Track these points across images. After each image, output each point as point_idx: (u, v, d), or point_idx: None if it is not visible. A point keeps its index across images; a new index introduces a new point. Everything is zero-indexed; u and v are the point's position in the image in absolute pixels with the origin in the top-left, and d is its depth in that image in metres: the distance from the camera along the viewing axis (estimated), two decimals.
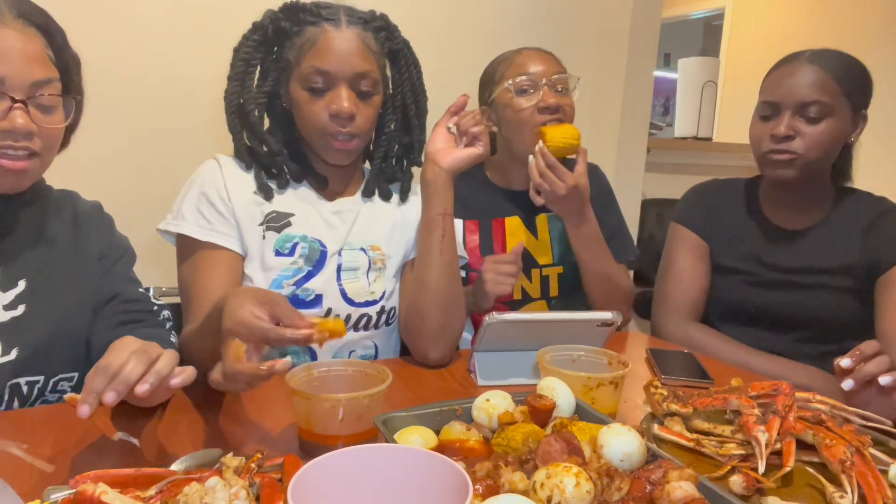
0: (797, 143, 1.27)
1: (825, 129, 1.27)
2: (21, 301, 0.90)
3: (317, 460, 0.52)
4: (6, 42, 0.80)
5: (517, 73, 1.39)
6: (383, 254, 1.21)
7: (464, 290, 1.23)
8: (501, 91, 1.40)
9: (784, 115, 1.28)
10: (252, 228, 1.11)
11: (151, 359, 0.68)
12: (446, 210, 1.15)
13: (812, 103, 1.26)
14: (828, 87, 1.26)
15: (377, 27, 1.14)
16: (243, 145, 1.15)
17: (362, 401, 0.75)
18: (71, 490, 0.57)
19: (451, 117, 1.19)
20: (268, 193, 1.14)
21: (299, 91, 1.10)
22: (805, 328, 1.34)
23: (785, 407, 0.79)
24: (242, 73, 1.13)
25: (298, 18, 1.10)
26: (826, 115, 1.26)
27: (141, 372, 0.66)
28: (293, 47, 1.11)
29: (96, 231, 1.01)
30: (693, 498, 0.57)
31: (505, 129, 1.43)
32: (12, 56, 0.81)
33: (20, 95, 0.81)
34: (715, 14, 4.75)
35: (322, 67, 1.08)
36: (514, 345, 1.06)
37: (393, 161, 1.26)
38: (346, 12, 1.11)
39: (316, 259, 1.13)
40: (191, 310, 1.06)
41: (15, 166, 0.83)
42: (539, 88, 1.37)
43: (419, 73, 1.23)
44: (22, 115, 0.81)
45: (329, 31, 1.08)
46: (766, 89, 1.33)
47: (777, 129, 1.28)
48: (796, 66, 1.29)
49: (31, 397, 0.91)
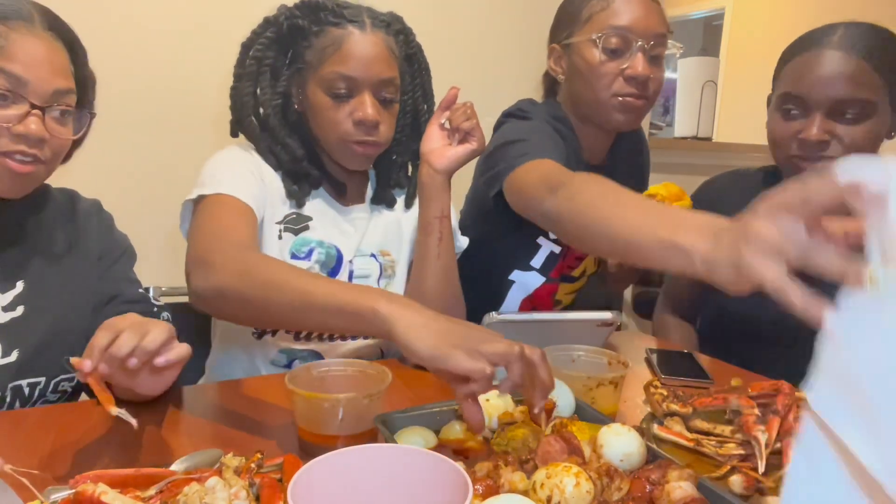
0: (833, 149, 1.08)
1: (866, 132, 1.07)
2: (20, 302, 0.90)
3: (317, 460, 0.52)
4: (35, 49, 0.82)
5: (610, 23, 1.15)
6: (393, 260, 1.19)
7: None
8: (584, 40, 1.19)
9: (815, 116, 1.08)
10: (271, 223, 1.09)
11: (141, 334, 0.67)
12: (443, 212, 1.11)
13: (850, 101, 1.05)
14: (868, 81, 1.05)
15: (397, 30, 1.10)
16: (266, 149, 1.10)
17: (362, 401, 0.75)
18: (71, 490, 0.57)
19: (442, 112, 1.12)
20: (299, 200, 1.11)
21: (320, 96, 1.06)
22: None
23: (785, 407, 0.79)
24: (255, 73, 1.08)
25: (319, 18, 1.05)
26: (867, 115, 1.06)
27: (131, 346, 0.65)
28: (312, 48, 1.05)
29: (95, 230, 1.01)
30: (693, 498, 0.57)
31: (575, 84, 1.23)
32: (40, 63, 0.82)
33: (40, 102, 0.83)
34: (715, 14, 4.75)
35: (347, 73, 1.03)
36: None
37: (398, 167, 1.23)
38: (369, 14, 1.07)
39: (332, 266, 1.12)
40: (199, 243, 0.94)
41: (21, 170, 0.84)
42: (632, 52, 1.15)
43: (429, 77, 1.20)
44: (37, 122, 0.82)
45: (354, 35, 1.03)
46: (789, 78, 1.12)
47: (808, 132, 1.08)
48: (827, 54, 1.07)
49: (32, 398, 0.91)
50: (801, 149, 1.12)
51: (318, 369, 0.82)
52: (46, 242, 0.95)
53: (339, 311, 0.74)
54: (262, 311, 0.83)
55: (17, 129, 0.81)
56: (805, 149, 1.11)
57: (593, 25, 1.17)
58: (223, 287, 0.85)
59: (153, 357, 0.66)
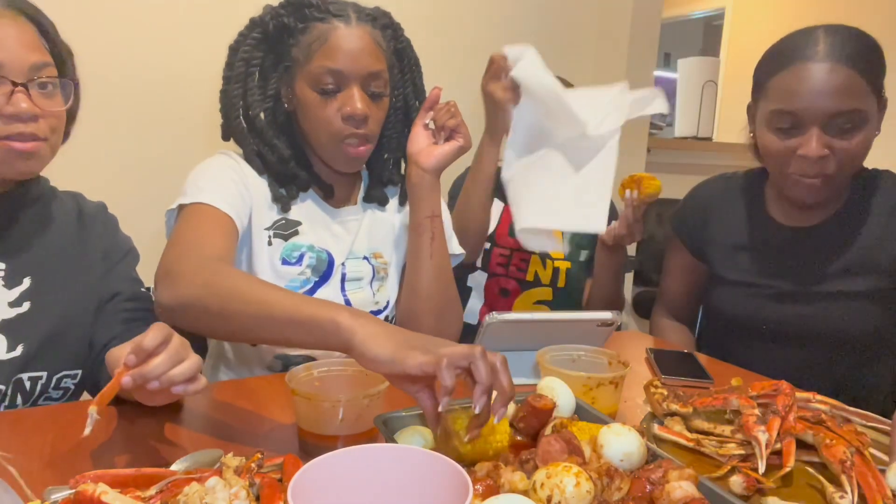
0: (831, 164, 1.08)
1: (861, 140, 1.07)
2: (26, 298, 0.91)
3: (317, 460, 0.52)
4: (2, 30, 0.82)
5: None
6: (385, 262, 1.19)
7: None
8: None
9: (812, 132, 1.07)
10: (259, 230, 1.08)
11: (176, 361, 0.67)
12: (434, 212, 1.11)
13: (846, 114, 1.05)
14: (859, 90, 1.05)
15: (384, 25, 1.10)
16: (253, 151, 1.10)
17: (362, 401, 0.75)
18: (71, 490, 0.57)
19: (426, 113, 1.12)
20: (285, 205, 1.10)
21: (308, 92, 1.05)
22: (825, 345, 1.18)
23: (785, 407, 0.79)
24: (244, 74, 1.08)
25: (304, 15, 1.05)
26: (862, 124, 1.07)
27: (162, 372, 0.66)
28: (299, 45, 1.05)
29: (100, 231, 1.02)
30: (693, 498, 0.57)
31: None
32: (7, 42, 0.82)
33: (20, 79, 0.83)
34: (715, 14, 4.75)
35: (334, 67, 1.03)
36: (513, 345, 1.06)
37: (390, 164, 1.22)
38: (355, 9, 1.07)
39: (323, 270, 1.11)
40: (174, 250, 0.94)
41: (24, 147, 0.84)
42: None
43: (420, 73, 1.19)
44: (25, 100, 0.83)
45: (340, 29, 1.03)
46: (779, 94, 1.11)
47: (807, 149, 1.07)
48: (815, 67, 1.06)
49: (34, 393, 0.91)
50: (801, 165, 1.11)
51: (318, 369, 0.82)
52: (53, 241, 0.96)
53: (300, 323, 0.73)
54: (225, 324, 0.83)
55: (6, 111, 0.82)
56: (806, 166, 1.10)
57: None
58: (186, 300, 0.84)
59: (173, 387, 0.67)
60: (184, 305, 0.85)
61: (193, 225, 0.97)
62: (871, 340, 1.18)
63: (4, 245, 0.92)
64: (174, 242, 0.96)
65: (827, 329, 1.17)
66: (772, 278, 1.23)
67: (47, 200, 0.98)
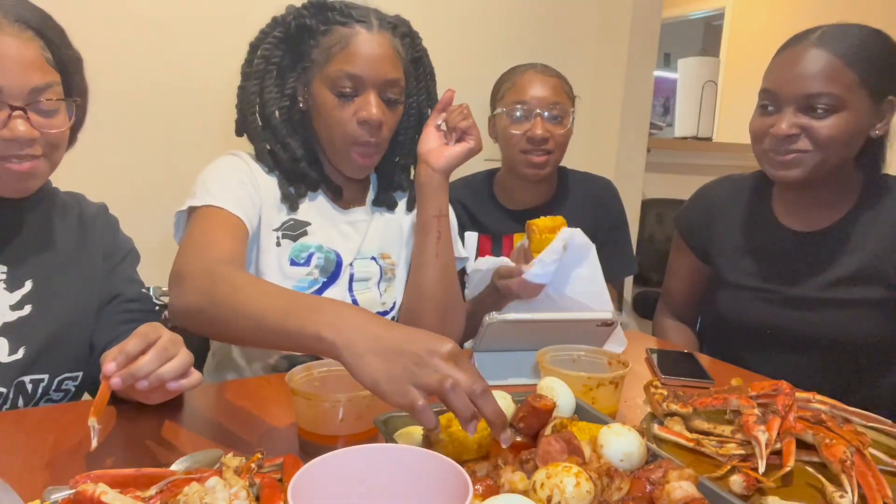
0: (803, 142, 1.11)
1: (836, 125, 1.08)
2: (28, 301, 0.91)
3: (317, 460, 0.52)
4: (2, 50, 0.79)
5: (514, 99, 1.42)
6: (393, 262, 1.19)
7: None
8: (499, 112, 1.46)
9: (786, 111, 1.11)
10: (268, 231, 1.09)
11: (165, 359, 0.68)
12: (441, 212, 1.12)
13: (818, 96, 1.07)
14: (839, 76, 1.07)
15: (403, 33, 1.11)
16: (264, 149, 1.10)
17: (362, 401, 0.75)
18: (71, 490, 0.57)
19: (438, 114, 1.14)
20: (293, 203, 1.10)
21: (326, 94, 1.06)
22: (830, 352, 1.17)
23: (785, 407, 0.79)
24: (263, 72, 1.08)
25: (327, 17, 1.05)
26: (837, 108, 1.08)
27: (150, 370, 0.66)
28: (319, 47, 1.06)
29: (101, 232, 1.02)
30: (693, 498, 0.57)
31: (501, 147, 1.49)
32: (8, 64, 0.80)
33: (19, 103, 0.81)
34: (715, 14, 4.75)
35: (353, 72, 1.03)
36: (514, 345, 1.06)
37: (400, 169, 1.23)
38: (377, 15, 1.07)
39: (331, 270, 1.12)
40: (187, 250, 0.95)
41: (21, 168, 0.84)
42: (532, 118, 1.39)
43: (434, 81, 1.20)
44: (23, 123, 0.81)
45: (361, 34, 1.04)
46: (767, 76, 1.16)
47: (777, 127, 1.11)
48: (801, 51, 1.10)
49: (35, 396, 0.91)
50: (772, 143, 1.14)
51: (318, 369, 0.82)
52: (55, 244, 0.96)
53: (288, 336, 0.74)
54: (227, 334, 0.85)
55: (3, 135, 0.80)
56: (775, 143, 1.14)
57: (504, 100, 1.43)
58: (191, 307, 0.86)
59: (165, 384, 0.68)
60: (189, 313, 0.86)
61: (203, 228, 0.98)
62: (878, 349, 1.16)
63: (6, 249, 0.91)
64: (184, 245, 0.97)
65: (833, 336, 1.16)
66: (778, 283, 1.21)
67: (49, 203, 0.98)
